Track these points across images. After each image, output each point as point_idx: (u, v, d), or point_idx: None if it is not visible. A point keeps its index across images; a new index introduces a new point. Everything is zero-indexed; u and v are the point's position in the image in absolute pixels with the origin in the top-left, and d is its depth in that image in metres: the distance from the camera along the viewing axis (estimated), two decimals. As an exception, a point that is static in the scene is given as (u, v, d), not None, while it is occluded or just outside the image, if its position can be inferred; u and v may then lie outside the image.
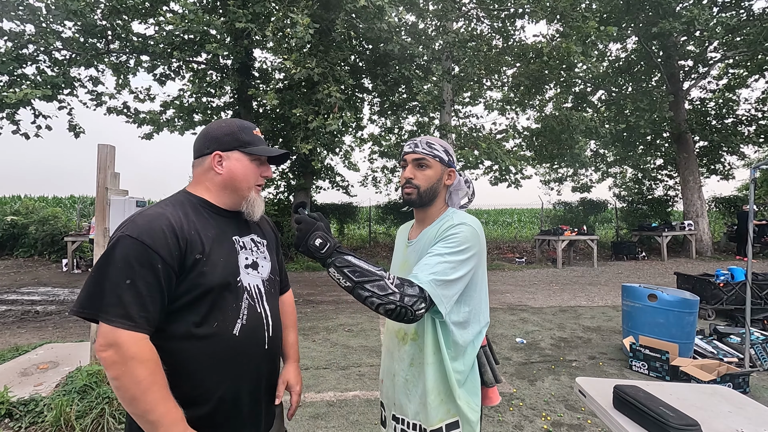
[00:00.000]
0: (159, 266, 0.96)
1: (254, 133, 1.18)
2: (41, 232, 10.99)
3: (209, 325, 1.03)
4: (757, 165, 3.63)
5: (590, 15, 9.17)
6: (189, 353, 1.01)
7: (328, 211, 14.48)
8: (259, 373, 1.13)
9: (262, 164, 1.19)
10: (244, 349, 1.08)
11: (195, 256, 1.02)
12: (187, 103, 9.81)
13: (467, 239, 1.13)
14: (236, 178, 1.14)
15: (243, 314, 1.08)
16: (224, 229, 1.13)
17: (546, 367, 3.87)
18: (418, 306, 1.01)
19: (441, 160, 1.26)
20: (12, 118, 7.82)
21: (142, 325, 0.93)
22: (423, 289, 1.03)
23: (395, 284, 1.01)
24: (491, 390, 1.28)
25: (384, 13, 7.17)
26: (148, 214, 1.02)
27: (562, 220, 15.03)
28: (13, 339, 4.67)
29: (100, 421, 2.61)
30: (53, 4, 7.27)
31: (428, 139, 1.28)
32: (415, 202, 1.27)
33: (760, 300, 5.21)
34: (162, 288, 0.96)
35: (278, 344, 1.22)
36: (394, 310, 1.00)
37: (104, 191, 3.09)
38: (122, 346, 0.90)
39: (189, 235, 1.03)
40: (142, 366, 0.91)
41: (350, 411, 2.97)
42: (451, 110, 11.64)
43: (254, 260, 1.17)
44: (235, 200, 1.16)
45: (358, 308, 6.17)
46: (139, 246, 0.95)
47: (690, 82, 13.51)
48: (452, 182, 1.30)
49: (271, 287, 1.20)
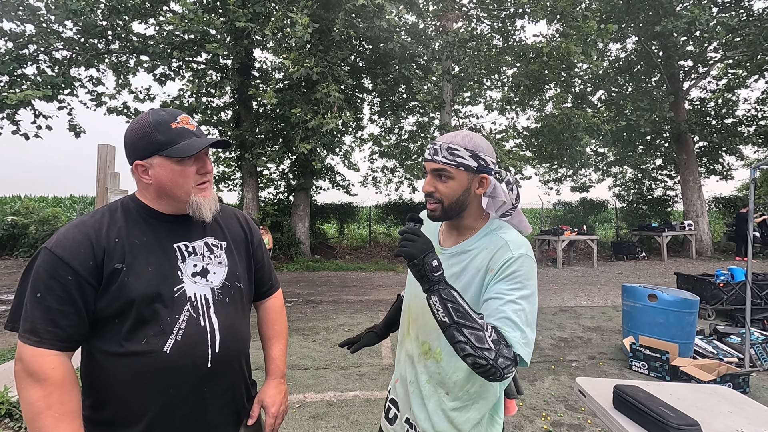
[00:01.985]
0: (70, 278, 0.89)
1: (173, 126, 0.99)
2: (41, 232, 11.00)
3: (137, 342, 0.94)
4: (757, 165, 3.63)
5: (590, 15, 9.17)
6: (116, 371, 0.94)
7: (328, 211, 14.48)
8: (199, 395, 1.00)
9: (196, 160, 1.01)
10: (176, 368, 0.96)
11: (114, 265, 0.94)
12: (187, 103, 9.82)
13: (531, 274, 1.04)
14: (166, 186, 1.00)
15: (179, 329, 0.97)
16: (163, 236, 1.03)
17: (546, 367, 3.87)
18: (509, 370, 0.95)
19: (467, 168, 1.07)
20: (12, 118, 7.82)
21: (47, 341, 0.87)
22: (516, 354, 0.97)
23: (492, 339, 0.94)
24: (510, 400, 1.24)
25: (383, 11, 7.17)
26: (71, 223, 0.98)
27: (562, 220, 15.04)
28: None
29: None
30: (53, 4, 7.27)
31: (451, 140, 1.08)
32: (439, 218, 1.13)
33: (760, 300, 5.21)
34: (75, 301, 0.90)
35: (232, 363, 1.07)
36: (484, 366, 0.93)
37: (104, 191, 3.09)
38: (23, 361, 0.87)
39: (107, 243, 0.95)
40: (36, 386, 0.85)
41: (350, 411, 2.97)
42: (451, 110, 11.64)
43: (204, 267, 1.05)
44: (176, 206, 1.04)
45: (358, 308, 6.17)
46: (51, 258, 0.90)
47: (690, 82, 13.52)
48: (485, 190, 1.11)
49: (224, 296, 1.06)
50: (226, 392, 1.06)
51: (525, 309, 1.00)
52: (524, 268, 1.03)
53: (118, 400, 0.95)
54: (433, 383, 1.13)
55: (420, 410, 1.15)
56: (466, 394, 1.10)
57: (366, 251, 13.45)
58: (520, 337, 0.97)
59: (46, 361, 0.87)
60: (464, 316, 0.94)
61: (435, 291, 0.96)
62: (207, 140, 1.02)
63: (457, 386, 1.10)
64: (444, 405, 1.10)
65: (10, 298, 6.85)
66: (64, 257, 0.90)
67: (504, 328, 0.97)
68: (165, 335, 0.96)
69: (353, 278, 9.19)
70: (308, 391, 3.27)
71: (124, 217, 1.01)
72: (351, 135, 12.47)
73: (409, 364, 1.21)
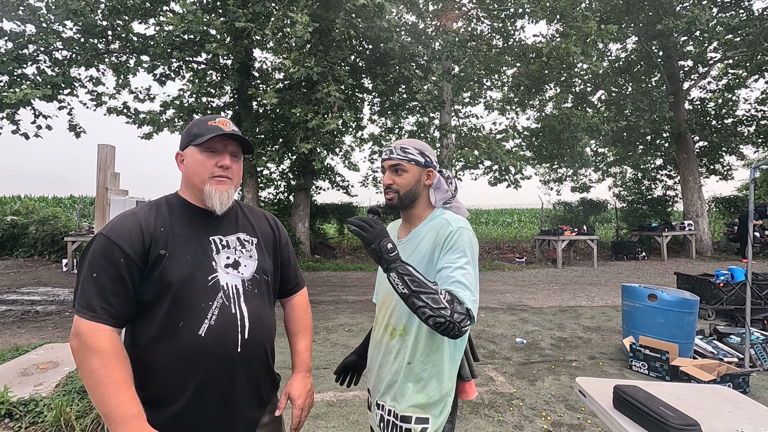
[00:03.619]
0: (122, 260, 1.00)
1: (210, 124, 1.13)
2: (41, 232, 10.99)
3: (175, 325, 1.03)
4: (757, 165, 3.63)
5: (590, 15, 9.16)
6: (156, 353, 1.04)
7: (328, 211, 14.48)
8: (230, 378, 1.08)
9: (218, 154, 1.14)
10: (210, 351, 1.05)
11: (159, 251, 1.04)
12: (187, 103, 9.80)
13: (471, 243, 1.22)
14: (189, 174, 1.14)
15: (212, 315, 1.06)
16: (200, 228, 1.14)
17: (546, 367, 3.87)
18: (465, 323, 1.10)
19: (417, 163, 1.32)
20: (12, 118, 7.81)
21: (102, 317, 0.97)
22: (469, 309, 1.12)
23: (446, 299, 1.09)
24: (468, 384, 1.33)
25: (384, 11, 7.17)
26: (122, 213, 1.09)
27: (562, 220, 15.04)
28: (13, 339, 4.67)
29: (100, 421, 2.61)
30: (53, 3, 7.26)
31: (402, 143, 1.33)
32: (396, 206, 1.34)
33: (760, 300, 5.22)
34: (125, 281, 1.00)
35: (259, 349, 1.15)
36: (443, 323, 1.07)
37: (104, 191, 3.09)
38: (81, 335, 0.95)
39: (155, 231, 1.06)
40: (95, 357, 0.94)
41: (350, 411, 2.97)
42: (451, 110, 11.64)
43: (236, 259, 1.15)
44: (200, 197, 1.15)
45: (358, 308, 6.17)
46: (106, 242, 1.01)
47: (690, 82, 13.51)
48: (432, 182, 1.35)
49: (253, 287, 1.16)
50: (252, 377, 1.14)
51: (470, 272, 1.18)
52: (464, 238, 1.21)
53: (158, 380, 1.04)
54: (399, 359, 1.27)
55: (387, 390, 1.29)
56: (428, 363, 1.23)
57: (366, 251, 13.43)
58: (470, 295, 1.14)
59: (102, 334, 0.96)
60: (420, 284, 1.09)
61: (392, 269, 1.12)
62: (220, 130, 1.12)
63: (419, 353, 1.24)
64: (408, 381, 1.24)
65: (10, 298, 6.85)
66: (118, 242, 1.01)
67: (456, 290, 1.13)
68: (200, 320, 1.05)
69: (353, 278, 9.19)
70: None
71: (168, 210, 1.13)
72: (351, 135, 12.46)
73: (377, 350, 1.36)
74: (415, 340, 1.24)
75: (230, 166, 1.15)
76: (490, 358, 4.11)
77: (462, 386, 1.33)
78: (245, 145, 1.19)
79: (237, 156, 1.19)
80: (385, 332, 1.33)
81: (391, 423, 1.25)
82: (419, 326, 1.24)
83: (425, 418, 1.22)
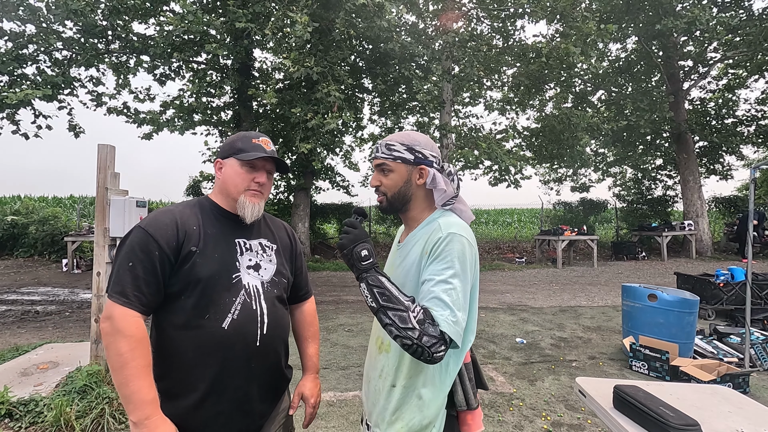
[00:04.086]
0: (156, 252, 1.08)
1: (254, 142, 1.23)
2: (41, 232, 10.98)
3: (201, 317, 1.10)
4: (757, 165, 3.63)
5: (590, 15, 9.16)
6: (182, 342, 1.10)
7: (328, 211, 14.48)
8: (248, 370, 1.15)
9: (256, 170, 1.24)
10: (232, 343, 1.12)
11: (191, 247, 1.12)
12: (187, 103, 9.79)
13: (462, 253, 1.06)
14: (227, 183, 1.24)
15: (235, 310, 1.14)
16: (228, 231, 1.22)
17: (546, 367, 3.87)
18: (437, 348, 0.96)
19: (404, 161, 1.17)
20: (12, 118, 7.81)
21: (134, 303, 1.04)
22: (443, 332, 0.97)
23: (417, 319, 0.96)
24: (470, 415, 1.15)
25: (384, 10, 7.17)
26: (160, 210, 1.18)
27: (562, 220, 15.04)
28: (13, 339, 4.67)
29: (100, 421, 2.61)
30: (53, 4, 7.26)
31: (388, 139, 1.20)
32: (386, 209, 1.22)
33: (760, 300, 5.21)
34: (157, 273, 1.08)
35: (275, 344, 1.23)
36: (411, 347, 0.95)
37: (104, 191, 3.09)
38: (114, 319, 1.02)
39: (189, 228, 1.15)
40: (124, 340, 1.00)
41: (350, 411, 2.97)
42: (451, 110, 11.63)
43: (257, 262, 1.23)
44: (231, 204, 1.24)
45: (358, 308, 6.17)
46: (144, 235, 1.09)
47: (690, 82, 13.51)
48: (425, 180, 1.18)
49: (272, 288, 1.24)
50: (268, 371, 1.22)
51: (456, 288, 1.01)
52: (453, 246, 1.05)
53: (179, 369, 1.11)
54: (383, 379, 1.16)
55: (372, 409, 1.19)
56: (410, 387, 1.10)
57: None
58: (448, 315, 0.98)
59: (132, 320, 1.03)
60: (390, 299, 0.98)
61: (362, 278, 1.03)
62: (264, 152, 1.23)
63: (402, 375, 1.11)
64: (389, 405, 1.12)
65: (10, 298, 6.85)
66: (155, 235, 1.09)
67: (433, 308, 0.99)
68: (224, 314, 1.12)
69: (353, 278, 9.17)
70: (308, 391, 3.27)
71: (201, 212, 1.22)
72: (351, 135, 12.47)
73: (369, 361, 1.28)
74: (399, 359, 1.12)
75: (265, 183, 1.26)
76: (490, 358, 4.11)
77: (463, 417, 1.16)
78: (280, 165, 1.30)
79: (271, 173, 1.29)
80: (375, 344, 1.24)
81: None
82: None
83: None
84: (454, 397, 1.14)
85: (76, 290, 7.53)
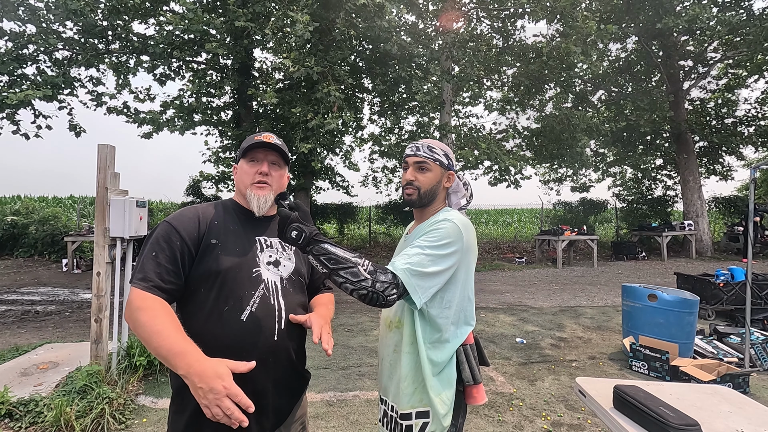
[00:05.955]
0: (178, 243, 1.14)
1: (255, 139, 1.29)
2: (41, 232, 10.98)
3: (220, 308, 1.14)
4: (757, 165, 3.63)
5: (590, 15, 9.16)
6: (203, 333, 1.11)
7: (329, 212, 14.47)
8: (265, 364, 1.16)
9: (258, 162, 1.29)
10: (250, 335, 1.15)
11: (211, 240, 1.19)
12: (187, 103, 9.80)
13: (449, 234, 1.18)
14: (238, 182, 1.33)
15: (254, 303, 1.17)
16: (249, 228, 1.29)
17: (546, 367, 3.87)
18: (390, 292, 1.07)
19: (441, 164, 1.33)
20: (12, 118, 7.81)
21: (153, 288, 1.08)
22: (396, 276, 1.09)
23: (368, 270, 1.06)
24: (475, 388, 1.28)
25: (384, 10, 7.17)
26: (186, 207, 1.27)
27: (562, 220, 15.03)
28: (13, 339, 4.67)
29: (100, 421, 2.61)
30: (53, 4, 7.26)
31: (429, 142, 1.34)
32: (415, 203, 1.34)
33: (760, 300, 5.21)
34: (178, 262, 1.13)
35: (294, 340, 1.25)
36: (367, 296, 1.05)
37: (104, 191, 3.09)
38: (132, 301, 1.07)
39: (210, 222, 1.22)
40: (141, 312, 1.03)
41: (350, 411, 2.97)
42: (451, 110, 11.63)
43: (277, 259, 1.29)
44: (245, 200, 1.31)
45: (358, 308, 6.17)
46: (168, 227, 1.16)
47: (690, 82, 13.51)
48: (451, 184, 1.37)
49: (290, 285, 1.28)
50: (284, 367, 1.23)
51: (426, 254, 1.13)
52: (443, 229, 1.18)
53: None
54: (397, 350, 1.27)
55: (388, 383, 1.30)
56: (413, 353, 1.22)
57: (366, 251, 13.45)
58: (402, 264, 1.10)
59: (150, 298, 1.07)
60: (338, 261, 1.06)
61: (308, 252, 1.09)
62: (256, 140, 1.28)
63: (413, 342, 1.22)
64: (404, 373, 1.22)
65: (10, 298, 6.85)
66: (178, 227, 1.16)
67: (394, 260, 1.10)
68: (243, 306, 1.16)
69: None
70: (308, 391, 3.26)
71: (224, 209, 1.30)
72: (351, 135, 12.46)
73: (381, 344, 1.39)
74: (409, 331, 1.24)
75: (268, 172, 1.29)
76: (490, 358, 4.11)
77: (468, 390, 1.29)
78: (285, 155, 1.32)
79: (277, 165, 1.32)
80: (385, 324, 1.36)
81: (393, 419, 1.25)
82: (412, 317, 1.23)
83: (425, 411, 1.20)
84: (462, 374, 1.25)
85: (76, 290, 7.53)
